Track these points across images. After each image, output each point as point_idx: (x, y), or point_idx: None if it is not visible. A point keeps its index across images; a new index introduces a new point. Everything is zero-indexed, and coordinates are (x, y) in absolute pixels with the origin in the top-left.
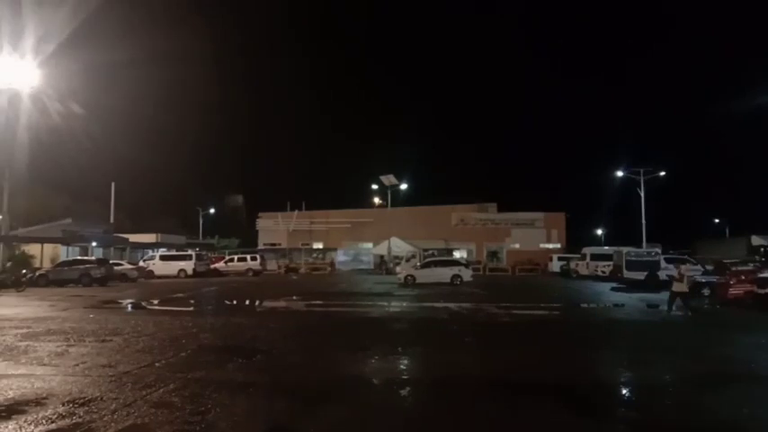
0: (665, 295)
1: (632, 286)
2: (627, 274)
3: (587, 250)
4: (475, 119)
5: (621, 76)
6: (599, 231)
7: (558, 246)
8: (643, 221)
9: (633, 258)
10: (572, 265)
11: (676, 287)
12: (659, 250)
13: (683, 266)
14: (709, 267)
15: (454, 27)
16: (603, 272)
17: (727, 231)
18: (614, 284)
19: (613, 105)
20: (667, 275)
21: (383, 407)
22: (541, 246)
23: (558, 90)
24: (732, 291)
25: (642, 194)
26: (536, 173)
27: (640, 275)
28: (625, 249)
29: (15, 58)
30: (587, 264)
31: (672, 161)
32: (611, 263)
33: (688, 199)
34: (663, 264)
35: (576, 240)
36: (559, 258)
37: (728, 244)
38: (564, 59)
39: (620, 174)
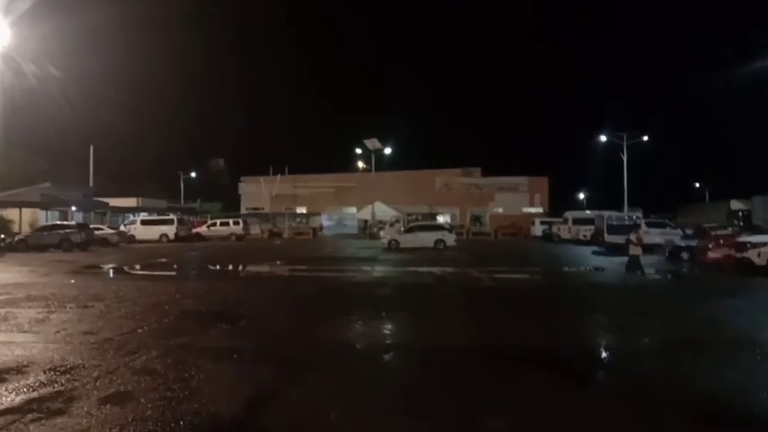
0: (645, 259)
1: (613, 250)
2: (608, 238)
3: (569, 214)
4: (460, 83)
5: (606, 40)
6: (581, 195)
7: (541, 210)
8: (625, 186)
9: (614, 223)
10: (554, 229)
11: (633, 251)
12: (640, 214)
13: (639, 231)
14: (689, 231)
15: None
16: (585, 236)
17: (707, 196)
18: (595, 248)
19: (597, 69)
20: (629, 239)
21: (367, 373)
22: (524, 210)
23: (544, 53)
24: (711, 255)
25: (625, 159)
26: (520, 137)
27: (621, 239)
28: (606, 213)
29: None
30: (569, 228)
31: (655, 126)
32: (592, 227)
33: (670, 164)
34: (644, 228)
35: (558, 205)
36: (542, 222)
37: (709, 209)
38: (549, 21)
39: (603, 138)
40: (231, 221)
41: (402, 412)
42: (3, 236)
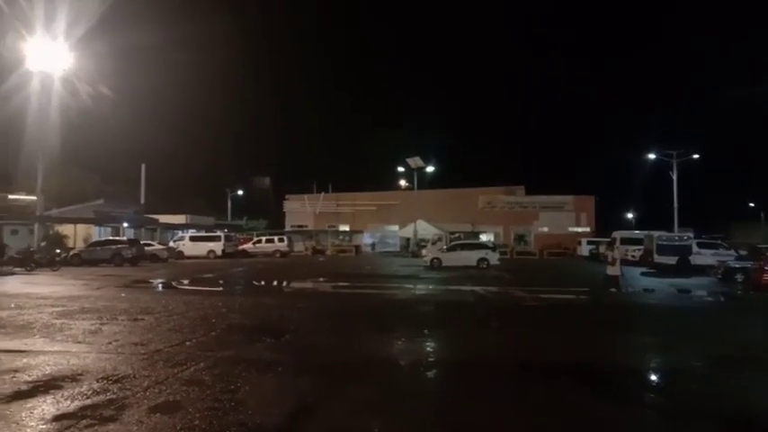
0: (696, 281)
1: (663, 271)
2: (657, 258)
3: (617, 234)
4: (503, 101)
5: (654, 56)
6: (629, 215)
7: (588, 229)
8: (675, 205)
9: (664, 243)
10: (601, 249)
11: (610, 270)
12: (691, 234)
13: (615, 251)
14: (743, 252)
15: (479, 9)
16: (634, 256)
17: (762, 216)
18: (644, 269)
19: (646, 86)
20: (605, 258)
21: (409, 388)
22: (570, 229)
23: (591, 72)
24: (766, 276)
25: (674, 177)
26: (565, 155)
27: (671, 260)
28: (656, 233)
29: (47, 40)
30: (617, 248)
31: (705, 143)
32: (641, 247)
33: (721, 182)
34: (695, 249)
35: (605, 224)
36: (588, 242)
37: (763, 228)
38: (596, 37)
39: (651, 156)
40: (276, 238)
41: (442, 427)
42: (58, 250)
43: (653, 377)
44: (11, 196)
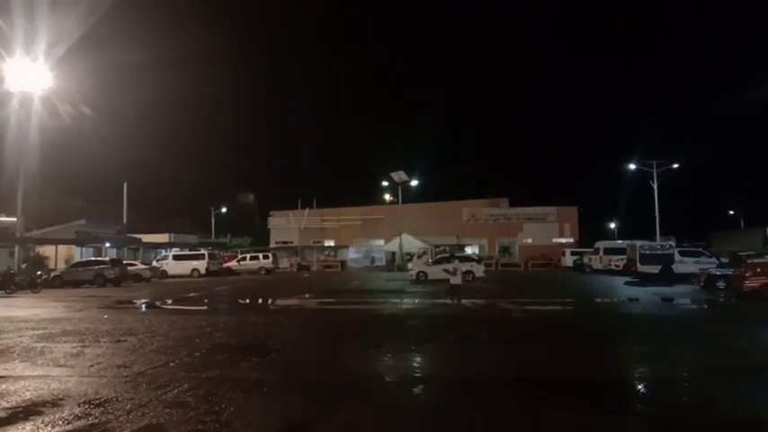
0: (680, 289)
1: (646, 280)
2: (641, 267)
3: (600, 244)
4: (485, 113)
5: (633, 67)
6: (612, 225)
7: (571, 240)
8: (656, 214)
9: (647, 252)
10: (585, 259)
11: (453, 280)
12: (673, 243)
13: (455, 262)
14: (725, 260)
15: (463, 19)
16: (617, 266)
17: (743, 223)
18: (628, 278)
19: (625, 97)
20: (447, 270)
21: (397, 405)
22: (554, 240)
23: (569, 83)
24: (748, 283)
25: (655, 187)
26: (548, 167)
27: (655, 269)
28: (639, 243)
29: (27, 61)
30: (600, 258)
31: (685, 153)
32: (624, 257)
33: (702, 191)
34: (677, 257)
35: (589, 234)
36: (572, 253)
37: (744, 236)
38: (574, 51)
39: (632, 166)
40: (261, 255)
41: None
42: (39, 272)
43: (643, 388)
44: None
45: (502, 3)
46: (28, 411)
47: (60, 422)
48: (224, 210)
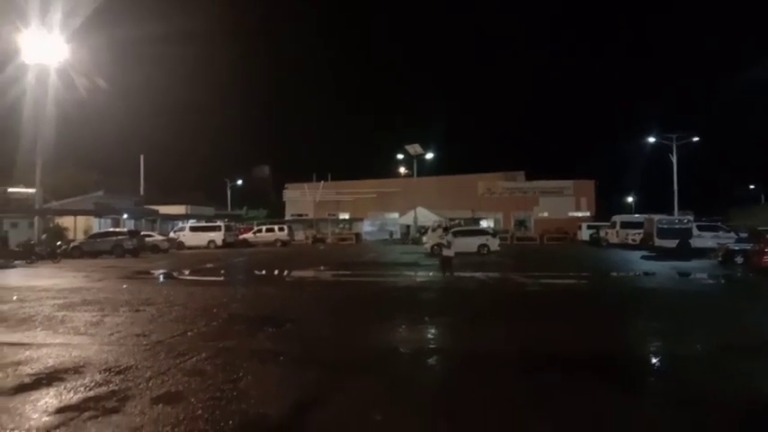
0: (697, 263)
1: (664, 254)
2: (658, 242)
3: (617, 218)
4: (502, 86)
5: (651, 39)
6: (629, 199)
7: (588, 214)
8: (675, 188)
9: (664, 226)
10: (602, 233)
11: (445, 252)
12: (691, 218)
13: (449, 234)
14: (743, 235)
15: None
16: (634, 240)
17: (763, 198)
18: (645, 253)
19: (644, 69)
20: (441, 243)
21: (410, 378)
22: (570, 214)
23: (588, 54)
24: (766, 259)
25: (674, 160)
26: (565, 140)
27: (672, 243)
28: (656, 217)
29: (43, 33)
30: (617, 232)
31: (705, 126)
32: (641, 231)
33: (721, 165)
34: (695, 231)
35: (605, 208)
36: (589, 227)
37: (763, 211)
38: (593, 19)
39: (651, 140)
40: (276, 228)
41: (444, 416)
42: (59, 243)
43: (659, 363)
44: (10, 189)
45: None
46: (51, 378)
47: (82, 388)
48: (239, 182)
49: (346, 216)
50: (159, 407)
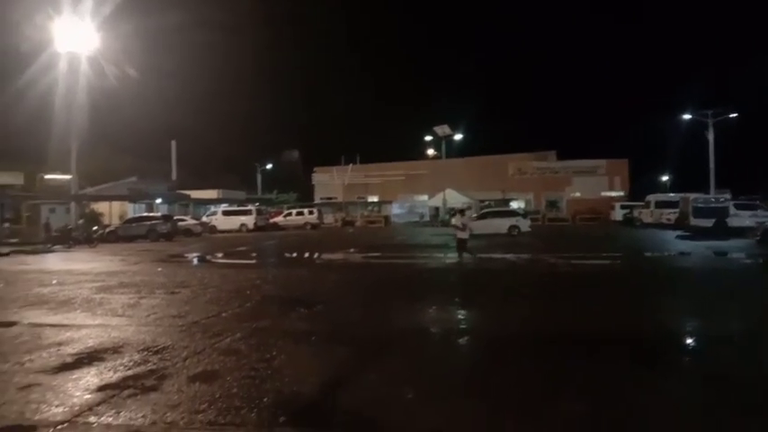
0: (734, 243)
1: (699, 234)
2: (694, 221)
3: (652, 197)
4: (533, 65)
5: (688, 14)
6: (664, 178)
7: (621, 193)
8: (711, 166)
9: (700, 205)
10: (635, 213)
11: (460, 235)
12: (728, 196)
13: (464, 217)
14: None
15: None
16: (669, 220)
17: None
18: (680, 233)
19: (680, 44)
20: (455, 225)
21: (441, 357)
22: (603, 194)
23: (622, 30)
24: None
25: (710, 138)
26: (598, 119)
27: (708, 223)
28: (692, 196)
29: (74, 21)
30: (652, 212)
31: (743, 102)
32: (676, 210)
33: (760, 142)
34: (732, 210)
35: (639, 188)
36: (622, 206)
37: None
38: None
39: (686, 117)
40: (306, 211)
41: (474, 395)
42: (95, 227)
43: (695, 344)
44: (46, 176)
45: None
46: (91, 357)
47: (121, 368)
48: (269, 166)
49: (375, 199)
50: (196, 385)
